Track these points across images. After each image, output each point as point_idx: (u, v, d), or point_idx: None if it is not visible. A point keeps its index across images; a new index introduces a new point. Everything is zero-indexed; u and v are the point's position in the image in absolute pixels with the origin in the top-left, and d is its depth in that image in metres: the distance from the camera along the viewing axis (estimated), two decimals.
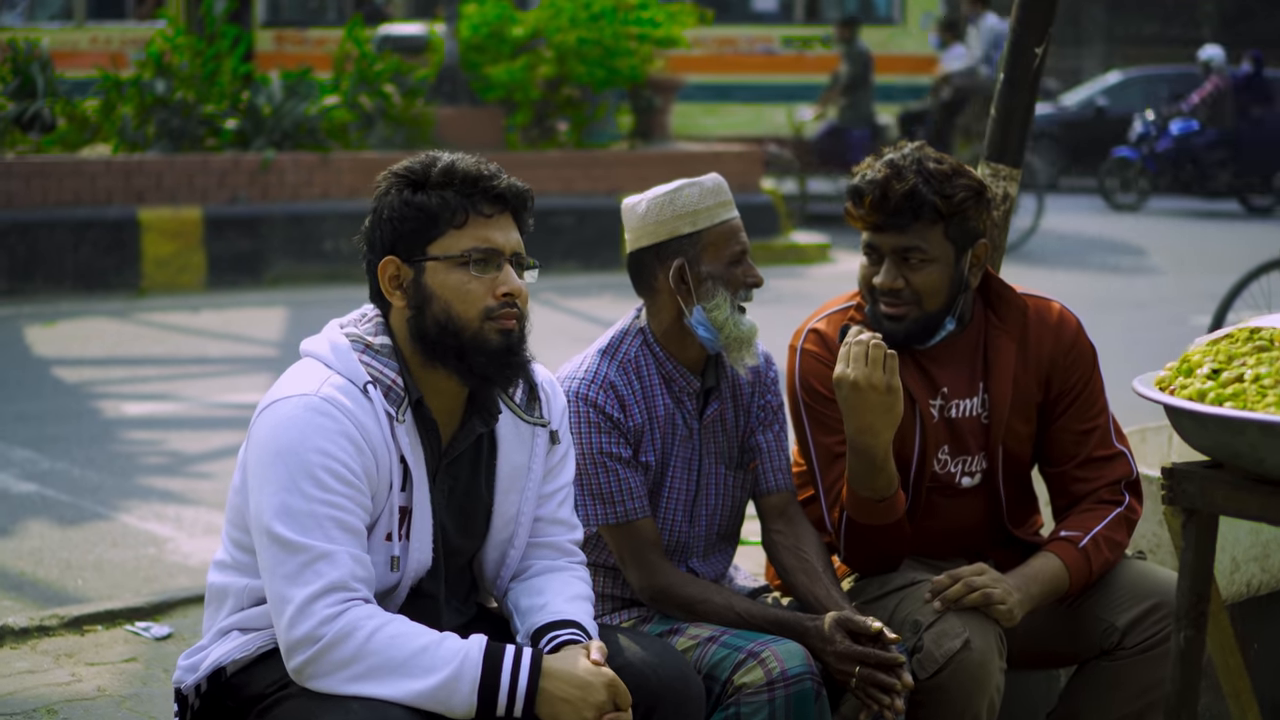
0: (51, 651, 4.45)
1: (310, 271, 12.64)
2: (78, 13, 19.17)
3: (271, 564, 2.68)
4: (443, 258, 2.81)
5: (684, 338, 3.31)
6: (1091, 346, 3.46)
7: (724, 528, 3.43)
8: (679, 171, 13.34)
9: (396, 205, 2.83)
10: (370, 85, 13.68)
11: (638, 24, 14.70)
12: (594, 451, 3.24)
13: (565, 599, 2.93)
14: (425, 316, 2.81)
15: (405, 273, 2.83)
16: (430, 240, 2.82)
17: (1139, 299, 12.40)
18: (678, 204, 3.27)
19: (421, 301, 2.82)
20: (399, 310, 2.85)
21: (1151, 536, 3.79)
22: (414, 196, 2.83)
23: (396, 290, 2.84)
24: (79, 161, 12.28)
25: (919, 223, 3.28)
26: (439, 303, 2.81)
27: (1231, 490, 2.76)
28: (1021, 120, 3.95)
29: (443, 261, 2.81)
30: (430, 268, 2.82)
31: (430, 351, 2.82)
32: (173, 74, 12.95)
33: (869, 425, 3.19)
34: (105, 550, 5.86)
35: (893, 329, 3.32)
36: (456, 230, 2.82)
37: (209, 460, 7.30)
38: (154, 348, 10.12)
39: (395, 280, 2.84)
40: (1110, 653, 3.29)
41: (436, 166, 2.84)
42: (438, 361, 2.82)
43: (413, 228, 2.82)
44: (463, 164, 2.85)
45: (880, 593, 3.35)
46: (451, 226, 2.82)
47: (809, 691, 3.03)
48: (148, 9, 19.20)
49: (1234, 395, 2.68)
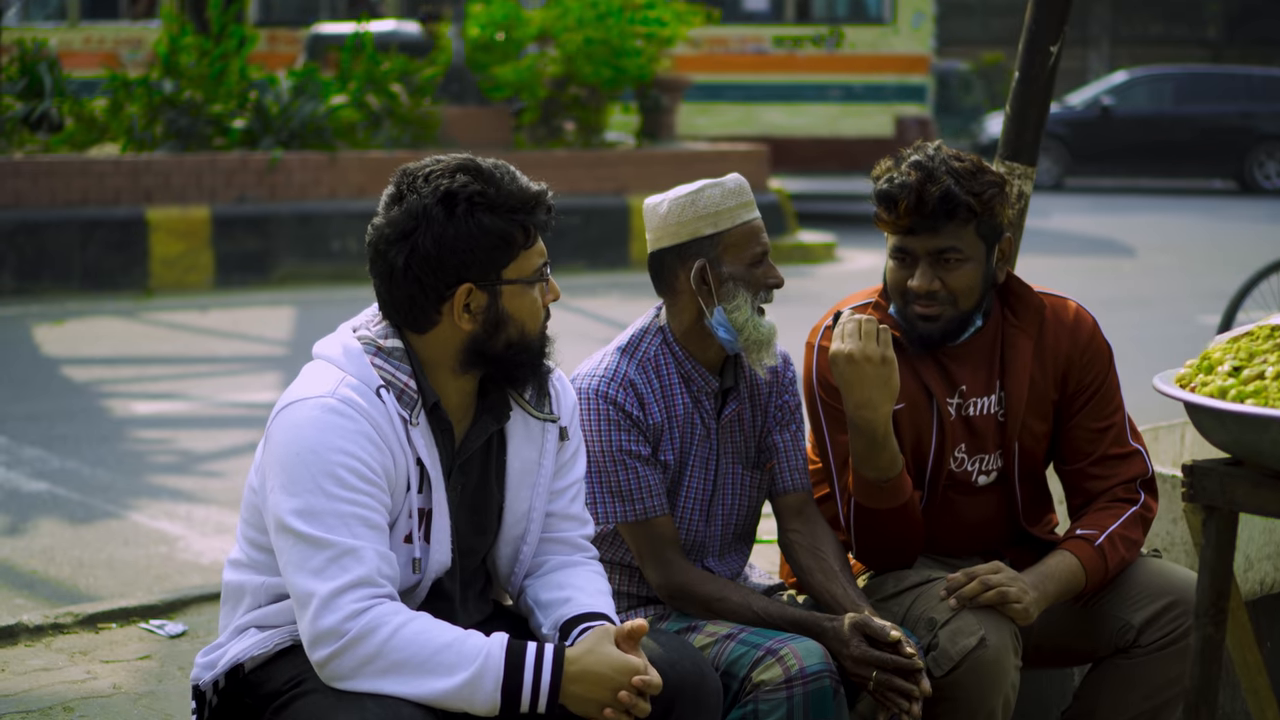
0: (66, 649, 4.45)
1: (318, 271, 12.65)
2: (72, 13, 19.21)
3: (296, 560, 2.68)
4: (520, 281, 2.81)
5: (704, 338, 3.31)
6: (1107, 345, 3.46)
7: (740, 527, 3.43)
8: (685, 171, 13.40)
9: (471, 232, 2.75)
10: (377, 85, 13.69)
11: (645, 23, 14.70)
12: (613, 449, 3.24)
13: (589, 593, 2.94)
14: (498, 338, 2.80)
15: (478, 298, 2.79)
16: (506, 264, 2.79)
17: (1143, 297, 12.40)
18: (699, 205, 3.26)
19: (496, 324, 2.80)
20: (461, 331, 2.80)
21: (1166, 535, 3.79)
22: (489, 220, 2.76)
23: (466, 314, 2.79)
24: (87, 161, 12.29)
25: (953, 223, 3.28)
26: (515, 325, 2.81)
27: (1252, 487, 2.76)
28: (1036, 118, 3.96)
29: (519, 284, 2.81)
30: (507, 291, 2.80)
31: (484, 364, 2.82)
32: (181, 73, 12.96)
33: (867, 399, 3.19)
34: (117, 549, 5.87)
35: (928, 329, 3.33)
36: (526, 250, 2.81)
37: (219, 459, 7.31)
38: (162, 347, 10.13)
39: (466, 305, 2.79)
40: (1126, 651, 3.29)
41: (502, 187, 2.78)
42: (491, 370, 2.83)
43: (489, 253, 2.78)
44: (524, 183, 2.81)
45: (895, 590, 3.35)
46: (523, 248, 2.81)
47: (827, 689, 3.03)
48: (141, 9, 19.23)
49: (1255, 392, 2.68)
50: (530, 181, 2.83)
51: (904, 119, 18.44)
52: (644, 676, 2.70)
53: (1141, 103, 23.07)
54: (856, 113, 18.38)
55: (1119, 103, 23.13)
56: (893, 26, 18.88)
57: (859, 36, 17.74)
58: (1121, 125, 22.68)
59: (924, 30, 18.65)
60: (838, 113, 18.11)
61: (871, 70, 17.83)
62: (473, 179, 2.77)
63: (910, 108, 18.24)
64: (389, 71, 13.77)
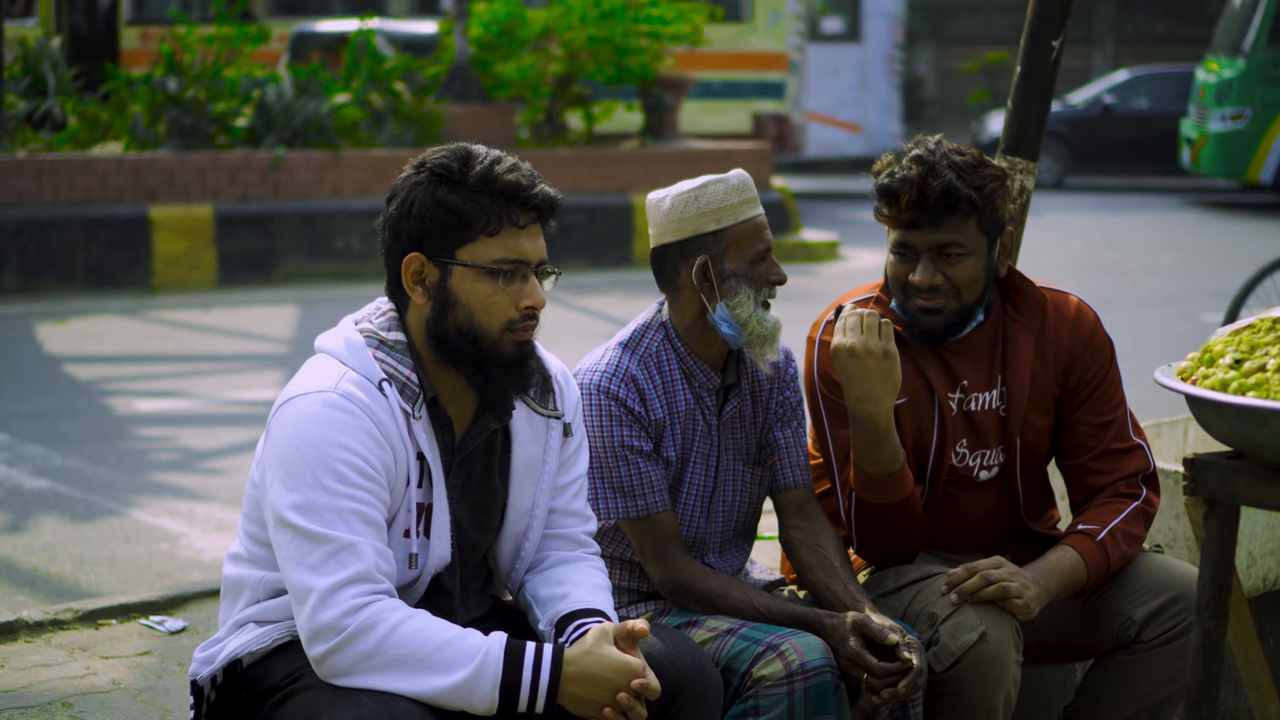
0: (66, 645, 4.45)
1: (321, 269, 12.65)
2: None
3: (295, 555, 2.67)
4: (471, 265, 2.78)
5: (706, 333, 3.30)
6: (1109, 340, 3.46)
7: (741, 524, 3.43)
8: (689, 169, 13.37)
9: (429, 202, 2.77)
10: (381, 83, 13.69)
11: (648, 21, 14.70)
12: (614, 444, 3.24)
13: (587, 589, 2.93)
14: (446, 320, 2.78)
15: (430, 271, 2.79)
16: (460, 244, 2.77)
17: (1145, 296, 12.38)
18: (702, 201, 3.25)
19: (444, 304, 2.78)
20: (418, 307, 2.81)
21: (1168, 530, 3.78)
22: (449, 196, 2.76)
23: (418, 286, 2.80)
24: (90, 160, 12.30)
25: (954, 217, 3.27)
26: (462, 309, 2.78)
27: (1253, 481, 2.75)
28: (1038, 114, 3.95)
29: (471, 269, 2.78)
30: (457, 272, 2.78)
31: (446, 353, 2.80)
32: (184, 72, 12.96)
33: (868, 393, 3.19)
34: (118, 546, 5.87)
35: (930, 323, 3.32)
36: (488, 238, 2.77)
37: (221, 456, 7.31)
38: (165, 345, 10.14)
39: (418, 276, 2.79)
40: (1128, 646, 3.28)
41: (475, 169, 2.78)
42: (451, 363, 2.81)
43: (443, 228, 2.77)
44: (502, 170, 2.78)
45: (896, 585, 3.34)
46: (484, 233, 2.77)
47: (828, 684, 3.02)
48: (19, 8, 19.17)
49: (1256, 385, 2.67)
50: (525, 178, 2.79)
51: (761, 116, 18.70)
52: (643, 680, 2.69)
53: (1143, 102, 23.05)
54: (715, 110, 18.51)
55: (1120, 102, 23.11)
56: (750, 24, 18.96)
57: (716, 34, 17.74)
58: (1123, 124, 22.65)
59: (781, 27, 18.75)
60: (698, 109, 18.15)
61: (730, 67, 17.94)
62: (451, 157, 2.79)
63: (768, 104, 18.36)
64: (392, 70, 13.77)
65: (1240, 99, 18.17)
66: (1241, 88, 18.14)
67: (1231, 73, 18.33)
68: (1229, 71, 18.40)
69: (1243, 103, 18.16)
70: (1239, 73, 18.20)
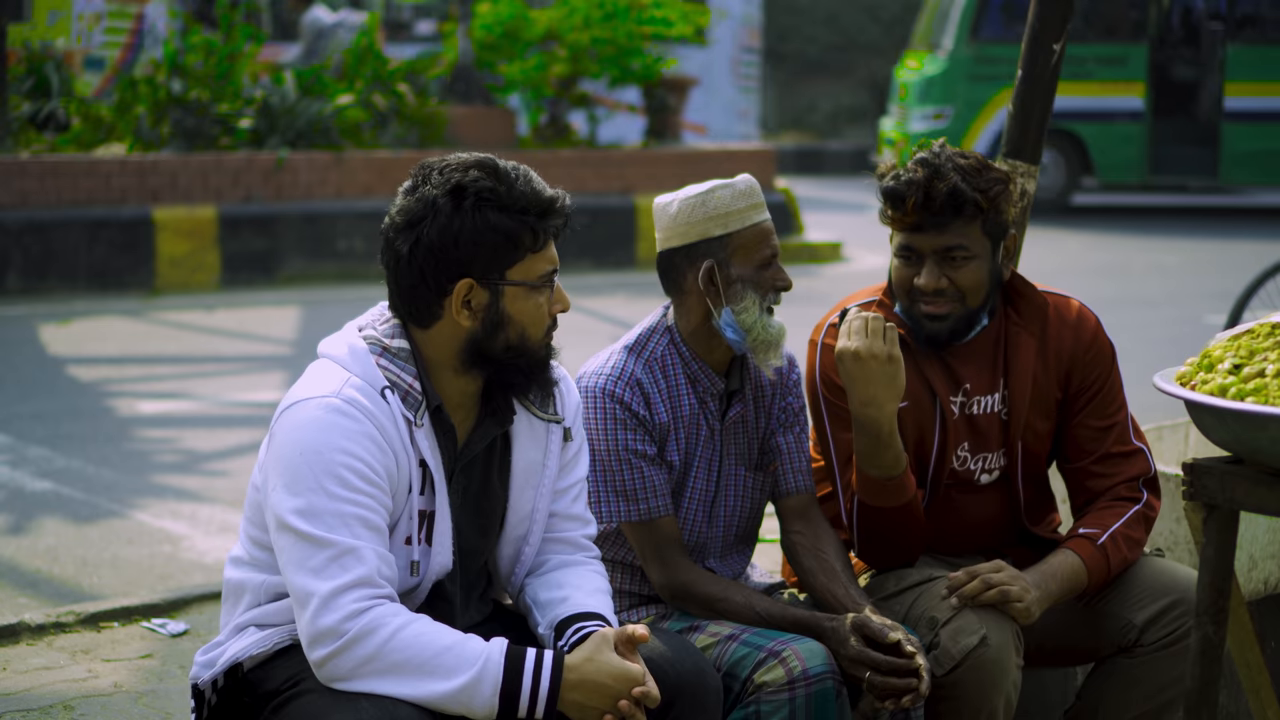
0: (68, 648, 4.45)
1: (324, 270, 12.65)
2: None
3: (296, 559, 2.68)
4: (522, 284, 2.80)
5: (711, 338, 3.31)
6: (1110, 344, 3.46)
7: (742, 529, 3.43)
8: (691, 171, 13.41)
9: (480, 228, 2.75)
10: (384, 84, 13.69)
11: (651, 23, 14.70)
12: (618, 448, 3.24)
13: (586, 592, 2.93)
14: (496, 338, 2.79)
15: (479, 295, 2.78)
16: (511, 264, 2.78)
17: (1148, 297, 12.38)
18: (709, 206, 3.26)
19: (495, 324, 2.79)
20: (460, 327, 2.79)
21: (1169, 534, 3.78)
22: (499, 219, 2.76)
23: (465, 310, 2.79)
24: (93, 161, 12.30)
25: (959, 220, 3.27)
26: (515, 327, 2.80)
27: (1252, 486, 2.75)
28: (1039, 117, 3.95)
29: (522, 287, 2.80)
30: (509, 292, 2.79)
31: (483, 366, 2.81)
32: (187, 73, 12.97)
33: (872, 396, 3.19)
34: (120, 548, 5.87)
35: (936, 329, 3.33)
36: (533, 254, 2.80)
37: (224, 458, 7.31)
38: (168, 346, 10.14)
39: (466, 301, 2.79)
40: (1128, 650, 3.28)
41: (515, 188, 2.78)
42: (481, 371, 2.82)
43: (494, 251, 2.77)
44: (536, 186, 2.79)
45: (897, 589, 3.34)
46: (530, 251, 2.79)
47: (830, 691, 3.02)
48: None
49: (1255, 390, 2.67)
50: (547, 187, 2.81)
51: None
52: (643, 688, 2.69)
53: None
54: None
55: None
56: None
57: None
58: None
59: None
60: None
61: None
62: (485, 175, 2.77)
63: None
64: (395, 71, 13.77)
65: (942, 98, 17.66)
66: (944, 86, 17.63)
67: (933, 70, 17.85)
68: (931, 68, 17.91)
69: (945, 101, 17.64)
70: (940, 70, 17.71)
